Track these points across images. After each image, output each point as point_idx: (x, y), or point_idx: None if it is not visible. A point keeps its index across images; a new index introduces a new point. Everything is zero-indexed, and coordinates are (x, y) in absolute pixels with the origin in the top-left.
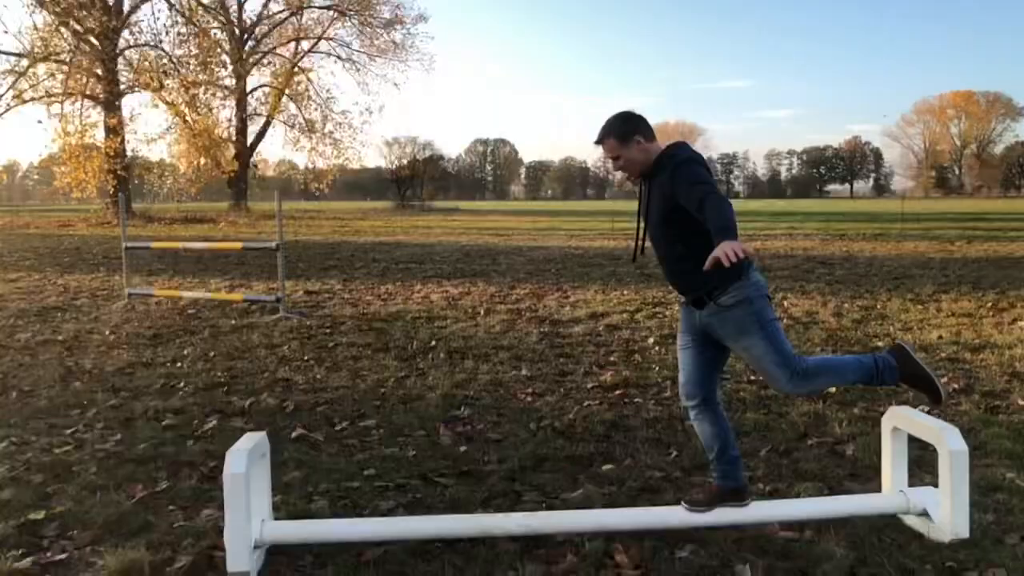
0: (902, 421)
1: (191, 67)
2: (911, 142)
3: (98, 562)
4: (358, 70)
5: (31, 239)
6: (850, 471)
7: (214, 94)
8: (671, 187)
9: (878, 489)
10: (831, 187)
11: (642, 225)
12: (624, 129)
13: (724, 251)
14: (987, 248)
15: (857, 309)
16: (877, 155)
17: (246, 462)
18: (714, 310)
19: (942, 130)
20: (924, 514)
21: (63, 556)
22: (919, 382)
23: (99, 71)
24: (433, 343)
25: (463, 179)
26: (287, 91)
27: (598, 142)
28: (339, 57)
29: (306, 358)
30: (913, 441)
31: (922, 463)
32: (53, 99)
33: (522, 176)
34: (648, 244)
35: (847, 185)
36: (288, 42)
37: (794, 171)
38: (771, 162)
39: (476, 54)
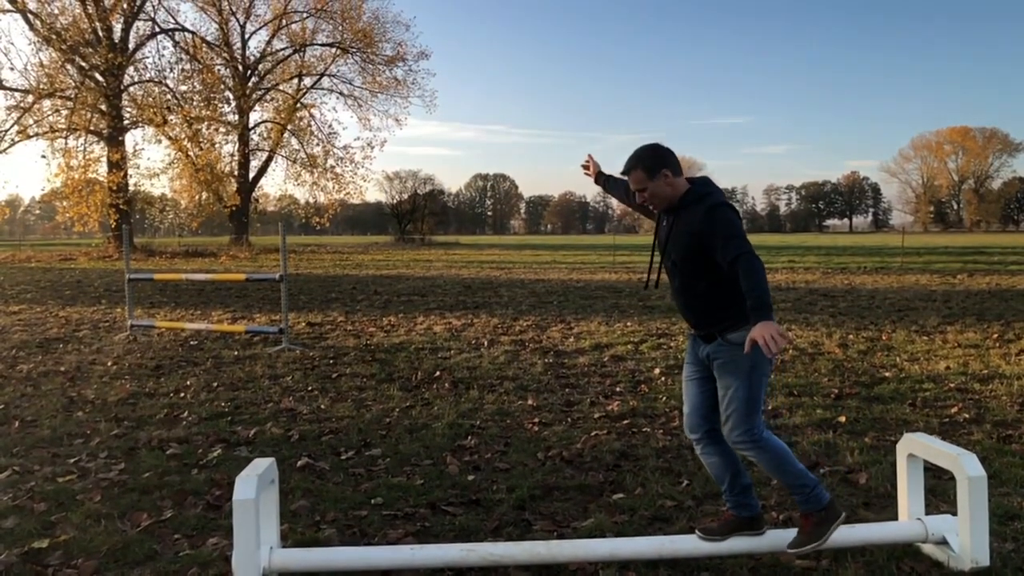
0: (918, 448)
1: (195, 103)
2: (909, 177)
3: None
4: (360, 106)
5: (33, 272)
6: (864, 499)
7: (217, 129)
8: (703, 229)
9: (893, 517)
10: (830, 222)
11: (658, 257)
12: (653, 163)
13: (764, 337)
14: (989, 281)
15: (862, 340)
16: (875, 190)
17: (256, 488)
18: (720, 343)
19: (939, 165)
20: (943, 542)
21: None
22: (818, 529)
23: (103, 107)
24: (437, 373)
25: (463, 213)
26: (289, 126)
27: (625, 173)
28: (341, 93)
29: (310, 388)
30: (927, 470)
31: (936, 492)
32: (57, 134)
33: (522, 211)
34: (663, 276)
35: (846, 220)
36: (291, 78)
37: (793, 206)
38: (770, 197)
39: (475, 88)
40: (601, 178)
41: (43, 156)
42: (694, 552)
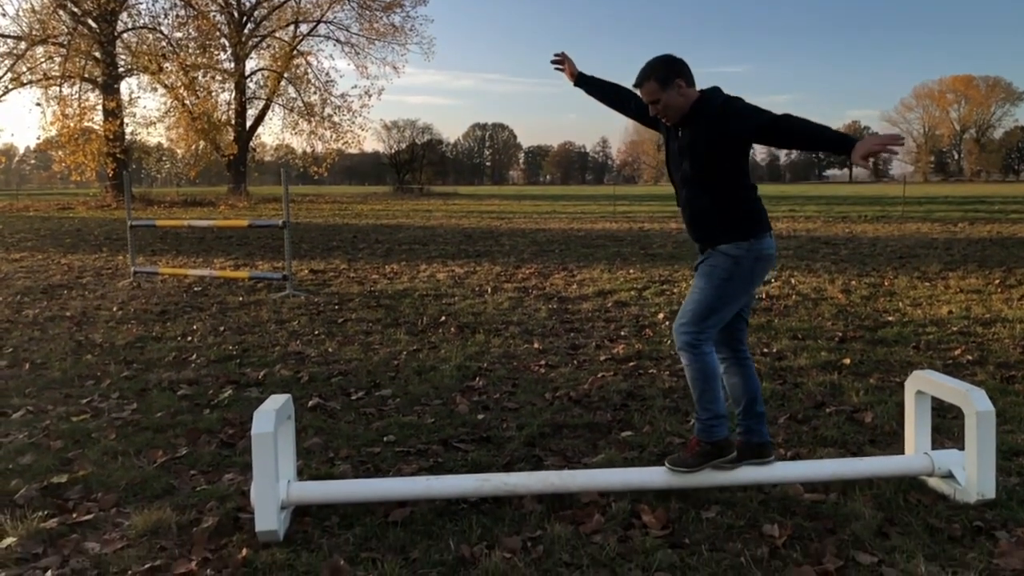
0: (926, 384)
1: (190, 50)
2: (910, 127)
3: (124, 522)
4: (357, 53)
5: (31, 221)
6: (870, 437)
7: (213, 77)
8: (723, 123)
9: (899, 453)
10: (830, 172)
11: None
12: (666, 72)
13: (874, 149)
14: (990, 229)
15: (865, 286)
16: None
17: (274, 422)
18: (711, 252)
19: (941, 115)
20: (949, 476)
21: (89, 517)
22: (697, 457)
23: (97, 54)
24: (443, 318)
25: (461, 164)
26: (286, 74)
27: (637, 85)
28: (338, 40)
29: (317, 333)
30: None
31: (940, 430)
32: (51, 82)
33: (521, 161)
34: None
35: (846, 170)
36: (287, 25)
37: (793, 156)
38: (769, 147)
39: (473, 36)
40: (583, 79)
41: (37, 104)
42: (704, 483)
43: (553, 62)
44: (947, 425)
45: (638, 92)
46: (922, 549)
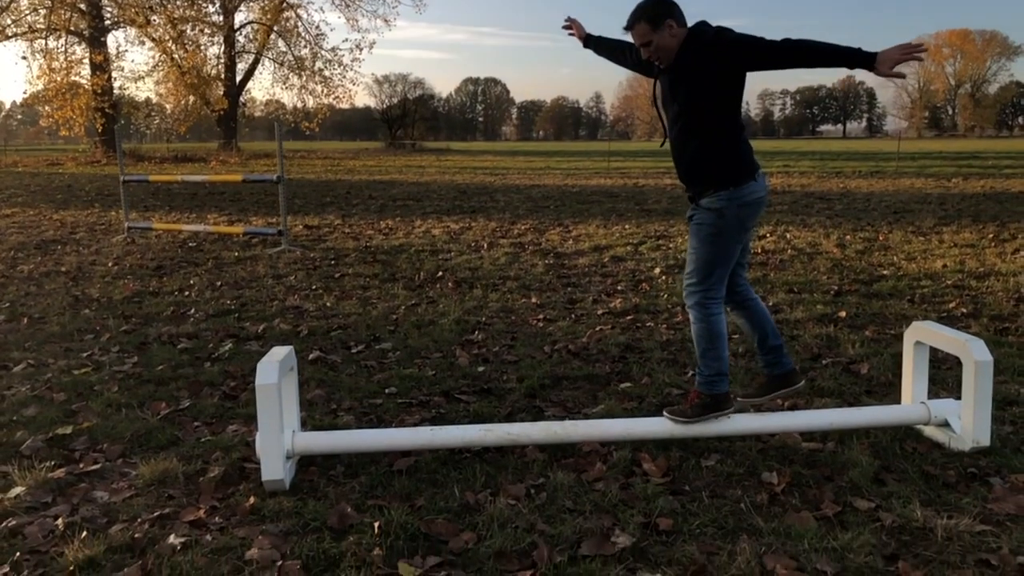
0: (925, 335)
1: (177, 2)
2: (905, 82)
3: (132, 472)
4: (348, 6)
5: (21, 177)
6: (866, 388)
7: (201, 31)
8: (715, 53)
9: (895, 403)
10: (824, 127)
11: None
12: (656, 12)
13: (898, 61)
14: (984, 184)
15: (860, 241)
16: (871, 95)
17: (278, 373)
18: (696, 206)
19: (937, 70)
20: (945, 424)
21: (96, 467)
22: (697, 409)
23: (83, 6)
24: (440, 274)
25: (453, 119)
26: (275, 27)
27: (627, 28)
28: None
29: (314, 287)
30: None
31: (934, 380)
32: (36, 35)
33: (514, 116)
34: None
35: (840, 125)
36: None
37: (787, 111)
38: (764, 102)
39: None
40: (591, 40)
41: (23, 58)
42: (705, 433)
43: (564, 27)
44: (941, 376)
45: (629, 35)
46: (918, 495)
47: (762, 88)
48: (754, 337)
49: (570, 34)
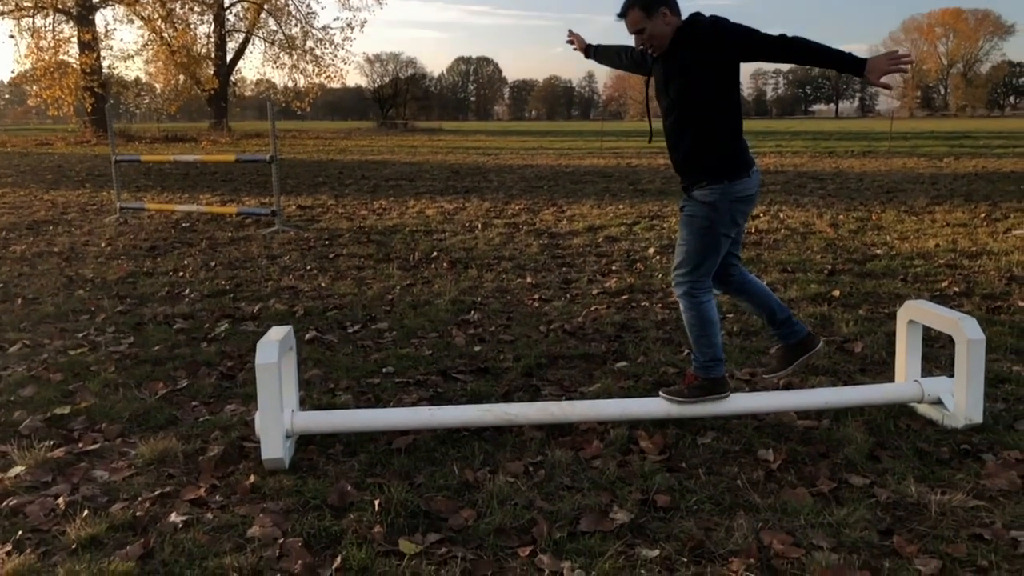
0: (918, 314)
1: None
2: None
3: (131, 451)
4: None
5: (9, 157)
6: (860, 366)
7: (191, 9)
8: (712, 43)
9: (889, 382)
10: (816, 107)
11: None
12: (649, 0)
13: (887, 70)
14: (976, 164)
15: (852, 220)
16: None
17: (277, 352)
18: (687, 199)
19: (929, 49)
20: (938, 402)
21: (95, 446)
22: (694, 391)
23: None
24: (435, 254)
25: (445, 99)
26: (266, 6)
27: (621, 15)
28: None
29: (309, 268)
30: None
31: (927, 358)
32: (23, 12)
33: (506, 96)
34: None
35: (832, 105)
36: None
37: (780, 91)
38: (757, 82)
39: None
40: (591, 50)
41: (11, 36)
42: (701, 412)
43: (568, 42)
44: (934, 354)
45: (623, 22)
46: (912, 471)
47: (755, 68)
48: (762, 316)
49: (575, 49)
